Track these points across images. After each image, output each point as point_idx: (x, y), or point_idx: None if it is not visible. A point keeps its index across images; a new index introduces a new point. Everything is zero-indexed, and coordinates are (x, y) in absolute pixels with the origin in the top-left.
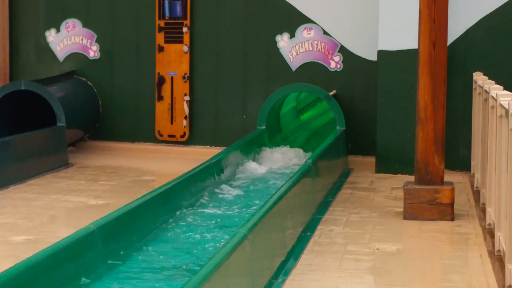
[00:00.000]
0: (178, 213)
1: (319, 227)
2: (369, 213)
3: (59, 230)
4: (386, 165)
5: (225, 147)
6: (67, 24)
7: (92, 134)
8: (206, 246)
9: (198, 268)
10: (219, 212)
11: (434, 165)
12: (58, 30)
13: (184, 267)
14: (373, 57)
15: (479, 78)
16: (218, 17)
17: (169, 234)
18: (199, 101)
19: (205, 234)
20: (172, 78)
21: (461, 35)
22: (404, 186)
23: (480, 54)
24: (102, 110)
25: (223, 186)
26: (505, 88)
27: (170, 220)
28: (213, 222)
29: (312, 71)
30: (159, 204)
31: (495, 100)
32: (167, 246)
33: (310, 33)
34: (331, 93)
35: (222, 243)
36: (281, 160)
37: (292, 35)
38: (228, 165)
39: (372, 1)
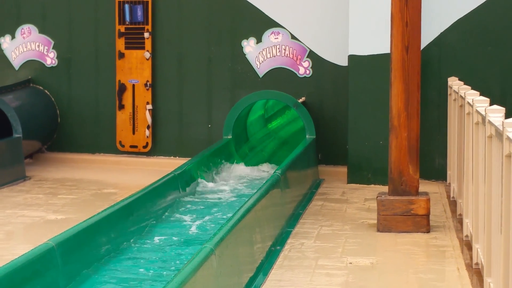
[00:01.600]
0: (142, 227)
1: (289, 240)
2: (341, 225)
3: (16, 247)
4: (358, 175)
5: (189, 158)
6: (23, 30)
7: (50, 145)
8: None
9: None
10: (181, 228)
11: (408, 175)
12: (13, 37)
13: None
14: (343, 62)
15: (455, 83)
16: (181, 21)
17: (131, 252)
18: (162, 110)
19: (165, 254)
20: (133, 86)
21: (435, 39)
22: (377, 197)
23: (455, 58)
24: (60, 120)
25: (187, 199)
26: (481, 94)
27: (130, 240)
28: (175, 240)
29: (280, 77)
30: (122, 218)
31: (471, 106)
32: (128, 266)
33: (277, 38)
34: (300, 100)
35: (186, 262)
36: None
37: (258, 40)
38: (193, 176)
39: (342, 4)
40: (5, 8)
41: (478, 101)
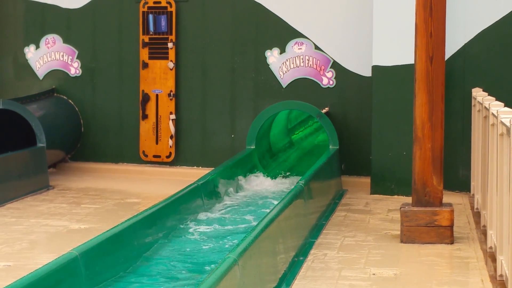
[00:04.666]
0: (162, 237)
1: (312, 251)
2: (365, 236)
3: (39, 256)
4: (381, 186)
5: (212, 168)
6: (47, 40)
7: (73, 155)
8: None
9: None
10: (205, 238)
11: (432, 186)
12: (37, 46)
13: None
14: (367, 72)
15: (479, 94)
16: (205, 31)
17: (154, 262)
18: (186, 120)
19: (187, 264)
20: (157, 95)
21: (459, 50)
22: (401, 207)
23: (479, 69)
24: (84, 129)
25: (209, 211)
26: (506, 105)
27: (154, 250)
28: (199, 249)
29: (304, 87)
30: (145, 228)
31: (496, 117)
32: (151, 275)
33: (301, 48)
34: (324, 111)
35: (211, 270)
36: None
37: (282, 50)
38: (216, 187)
39: (365, 14)
40: (29, 18)
41: (503, 112)
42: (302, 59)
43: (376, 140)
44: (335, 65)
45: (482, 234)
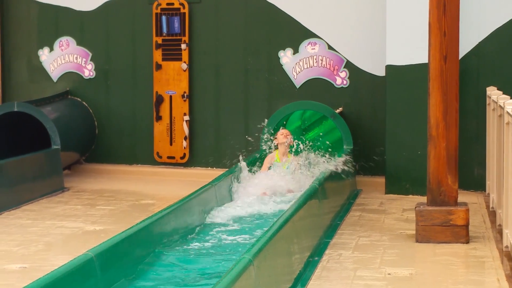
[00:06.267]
0: (178, 238)
1: (327, 251)
2: (380, 236)
3: (55, 258)
4: (396, 186)
5: (227, 169)
6: (61, 42)
7: (88, 157)
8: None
9: None
10: (219, 239)
11: (447, 185)
12: (51, 49)
13: None
14: (381, 72)
15: (493, 92)
16: (218, 32)
17: (169, 263)
18: (199, 121)
19: (202, 265)
20: (170, 97)
21: (473, 48)
22: (415, 207)
23: (494, 67)
24: (98, 131)
25: (224, 212)
26: None
27: (168, 251)
28: (213, 250)
29: (317, 88)
30: (159, 229)
31: (511, 116)
32: (166, 276)
33: (314, 48)
34: (338, 111)
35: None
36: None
37: (295, 51)
38: (231, 187)
39: (379, 14)
40: (43, 21)
41: None
42: (316, 59)
43: (391, 140)
44: (349, 65)
45: (497, 233)
